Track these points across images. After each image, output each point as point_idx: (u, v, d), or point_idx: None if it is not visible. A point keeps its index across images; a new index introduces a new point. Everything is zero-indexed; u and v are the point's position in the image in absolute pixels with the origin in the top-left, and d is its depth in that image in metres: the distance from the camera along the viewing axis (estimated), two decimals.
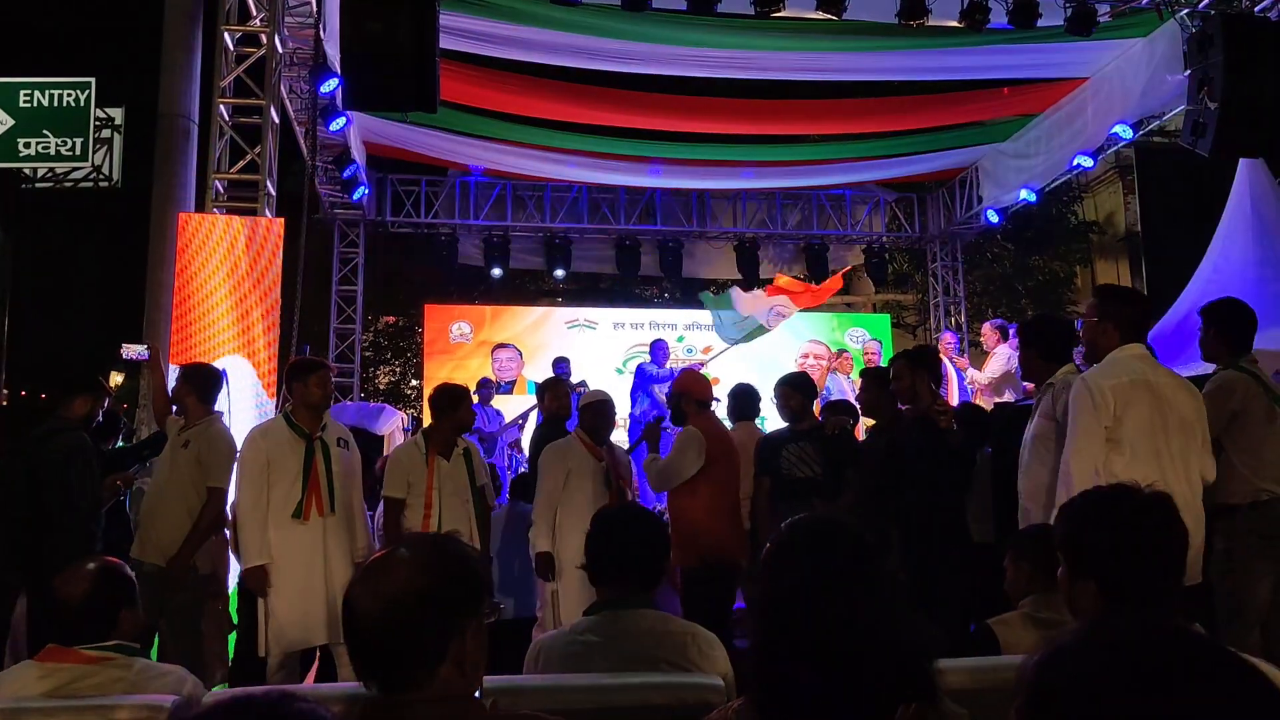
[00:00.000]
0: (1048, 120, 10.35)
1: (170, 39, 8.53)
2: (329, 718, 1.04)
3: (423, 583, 1.54)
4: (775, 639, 1.33)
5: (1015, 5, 7.26)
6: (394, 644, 1.52)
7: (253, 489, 4.53)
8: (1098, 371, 3.62)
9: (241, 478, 4.66)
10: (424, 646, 1.52)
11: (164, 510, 4.80)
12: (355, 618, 1.53)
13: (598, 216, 12.77)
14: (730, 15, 7.54)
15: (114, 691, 2.36)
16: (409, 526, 4.78)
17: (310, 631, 4.48)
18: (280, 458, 4.55)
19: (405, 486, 4.87)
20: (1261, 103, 7.10)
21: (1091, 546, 1.90)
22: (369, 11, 6.31)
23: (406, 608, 1.52)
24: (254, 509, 4.49)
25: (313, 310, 11.74)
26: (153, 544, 4.74)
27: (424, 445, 4.97)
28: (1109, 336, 3.69)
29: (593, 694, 2.28)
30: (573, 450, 5.15)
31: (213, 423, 5.01)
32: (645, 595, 2.53)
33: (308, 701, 1.05)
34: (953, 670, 2.08)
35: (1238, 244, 8.78)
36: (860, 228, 13.48)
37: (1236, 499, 3.91)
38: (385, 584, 1.53)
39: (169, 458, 4.94)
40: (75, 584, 2.50)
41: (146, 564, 4.62)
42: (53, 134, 10.72)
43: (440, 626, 1.53)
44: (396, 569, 1.56)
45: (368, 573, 1.57)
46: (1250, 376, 4.06)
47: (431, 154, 11.35)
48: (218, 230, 7.20)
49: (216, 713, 1.04)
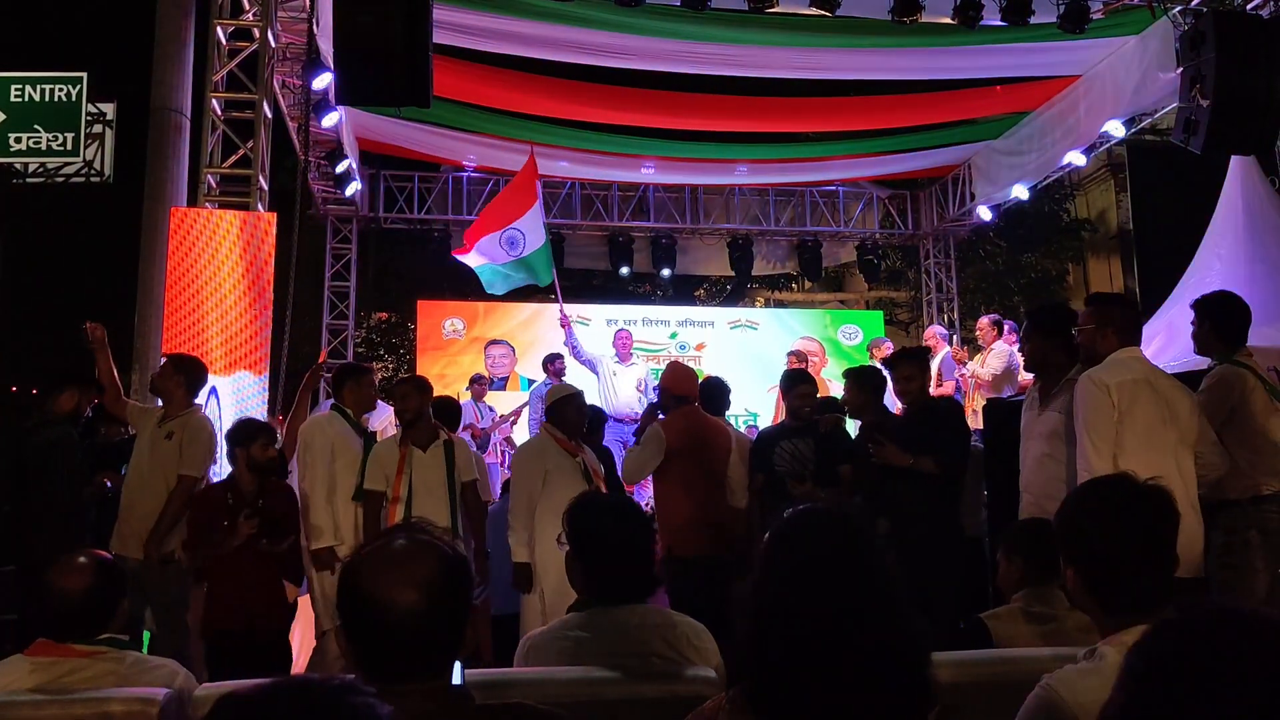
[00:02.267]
0: (1040, 118, 10.37)
1: (163, 33, 8.51)
2: (385, 713, 1.01)
3: (447, 566, 1.53)
4: (769, 629, 1.33)
5: (1008, 2, 7.26)
6: (436, 632, 1.50)
7: (322, 473, 4.88)
8: (1102, 370, 3.63)
9: (312, 464, 4.92)
10: (458, 631, 1.53)
11: (148, 503, 4.74)
12: (393, 608, 1.48)
13: (591, 212, 12.76)
14: (724, 10, 7.54)
15: (106, 685, 2.34)
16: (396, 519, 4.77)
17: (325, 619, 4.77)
18: (343, 447, 4.96)
19: (384, 479, 4.86)
20: (1253, 100, 7.11)
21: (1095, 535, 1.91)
22: (362, 6, 6.29)
23: (445, 592, 1.51)
24: (323, 490, 4.88)
25: (305, 306, 11.74)
26: (136, 537, 4.68)
27: (400, 437, 5.00)
28: (1108, 341, 3.72)
29: (586, 687, 2.28)
30: (548, 449, 5.01)
31: (194, 413, 5.00)
32: (632, 589, 2.52)
33: (366, 694, 1.02)
34: (942, 664, 2.08)
35: (1229, 242, 8.79)
36: (853, 224, 13.49)
37: (1236, 494, 3.90)
38: (417, 572, 1.50)
39: (148, 449, 4.87)
40: (74, 577, 2.46)
41: (130, 558, 4.59)
42: (44, 129, 10.69)
43: (465, 610, 1.54)
44: (421, 556, 1.53)
45: (389, 564, 1.52)
46: (1248, 371, 4.06)
47: (425, 149, 11.33)
48: (210, 225, 7.19)
49: (275, 696, 1.01)
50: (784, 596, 1.35)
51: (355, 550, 1.62)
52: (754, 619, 1.36)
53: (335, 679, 1.03)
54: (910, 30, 7.59)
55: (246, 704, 1.01)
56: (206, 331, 6.99)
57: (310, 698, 1.00)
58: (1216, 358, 4.18)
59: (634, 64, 9.15)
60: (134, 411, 5.14)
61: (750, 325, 13.05)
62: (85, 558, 2.55)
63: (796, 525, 1.52)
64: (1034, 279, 17.23)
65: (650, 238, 13.09)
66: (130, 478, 4.94)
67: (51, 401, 5.26)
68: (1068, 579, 1.96)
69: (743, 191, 13.05)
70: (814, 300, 17.11)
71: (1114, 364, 3.63)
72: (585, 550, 2.53)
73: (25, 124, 10.65)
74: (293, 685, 1.03)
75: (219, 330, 7.03)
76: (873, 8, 7.45)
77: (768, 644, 1.31)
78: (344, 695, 1.00)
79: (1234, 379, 4.03)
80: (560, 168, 11.58)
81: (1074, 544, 1.94)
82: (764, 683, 1.31)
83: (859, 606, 1.31)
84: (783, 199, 13.24)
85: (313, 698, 1.00)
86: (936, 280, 13.68)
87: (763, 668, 1.29)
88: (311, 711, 0.99)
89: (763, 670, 1.31)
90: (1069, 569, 1.94)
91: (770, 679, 1.31)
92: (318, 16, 7.47)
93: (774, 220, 13.20)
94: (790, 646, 1.28)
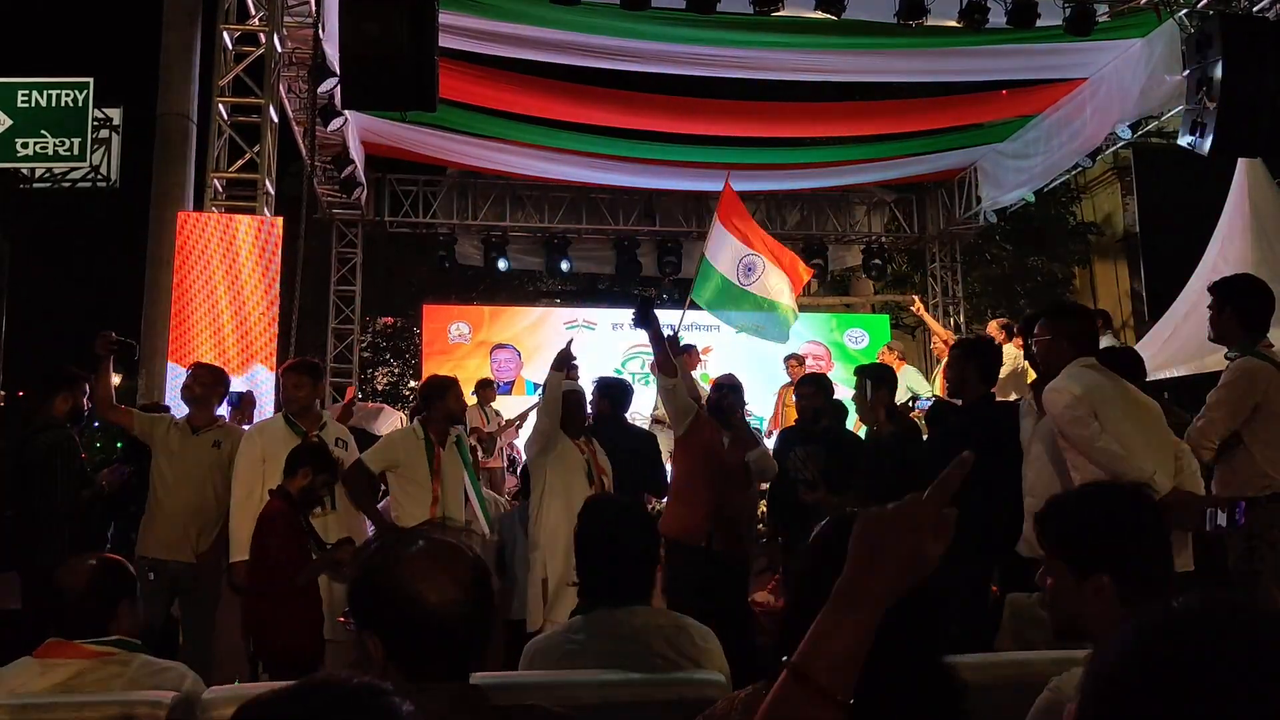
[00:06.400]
0: (1046, 121, 10.36)
1: (169, 38, 8.55)
2: (408, 711, 1.01)
3: (481, 566, 1.54)
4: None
5: (1014, 5, 7.27)
6: (478, 629, 1.51)
7: (246, 485, 4.61)
8: (1064, 380, 3.64)
9: (237, 474, 4.73)
10: (491, 627, 1.54)
11: (195, 508, 4.84)
12: (440, 607, 1.47)
13: (596, 216, 12.77)
14: (729, 14, 7.54)
15: (114, 688, 2.34)
16: (408, 512, 4.70)
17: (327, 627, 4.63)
18: (275, 455, 4.54)
19: (382, 465, 4.79)
20: (1260, 103, 7.10)
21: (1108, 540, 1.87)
22: (368, 11, 6.31)
23: (484, 590, 1.52)
24: (247, 504, 4.53)
25: (311, 311, 11.74)
26: (181, 542, 4.78)
27: (423, 433, 4.89)
28: (1062, 353, 3.75)
29: (594, 690, 2.28)
30: (561, 434, 4.94)
31: (233, 424, 5.10)
32: (637, 591, 2.52)
33: (390, 694, 1.01)
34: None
35: (1236, 244, 8.77)
36: (859, 228, 13.49)
37: (1254, 491, 3.80)
38: (458, 571, 1.50)
39: (190, 456, 4.91)
40: (74, 575, 2.51)
41: (172, 562, 4.73)
42: (51, 134, 10.74)
43: (493, 609, 1.56)
44: (457, 555, 1.53)
45: (428, 564, 1.50)
46: (1272, 365, 3.87)
47: (430, 153, 11.34)
48: (217, 229, 7.20)
49: (302, 698, 1.00)
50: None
51: (375, 549, 1.60)
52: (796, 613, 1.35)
53: (358, 679, 1.02)
54: (916, 33, 7.60)
55: (273, 706, 1.00)
56: (214, 338, 7.00)
57: (336, 699, 0.99)
58: (1237, 347, 3.95)
59: (639, 67, 9.16)
60: (143, 420, 5.11)
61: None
62: (92, 558, 2.60)
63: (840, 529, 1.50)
64: (1040, 282, 17.18)
65: (656, 242, 13.09)
66: (166, 484, 4.91)
67: (46, 405, 5.27)
68: (1089, 589, 1.84)
69: (749, 195, 13.02)
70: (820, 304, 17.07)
71: (1071, 375, 3.64)
72: (588, 552, 2.54)
73: (32, 129, 10.69)
74: (318, 686, 1.02)
75: (227, 335, 7.04)
76: (878, 11, 7.46)
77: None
78: (370, 696, 1.00)
79: (1258, 372, 3.83)
80: (565, 172, 11.60)
81: (1087, 554, 1.88)
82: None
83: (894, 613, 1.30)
84: (788, 202, 13.24)
85: (339, 699, 0.99)
86: (943, 284, 13.66)
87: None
88: (339, 713, 0.98)
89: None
90: (1103, 576, 1.83)
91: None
92: (323, 21, 7.49)
93: (780, 224, 13.19)
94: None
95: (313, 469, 4.21)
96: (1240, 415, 3.80)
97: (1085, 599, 1.84)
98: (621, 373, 11.91)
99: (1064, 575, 1.89)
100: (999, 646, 2.81)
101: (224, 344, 7.00)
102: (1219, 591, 0.87)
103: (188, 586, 4.79)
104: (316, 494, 4.27)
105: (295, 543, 4.10)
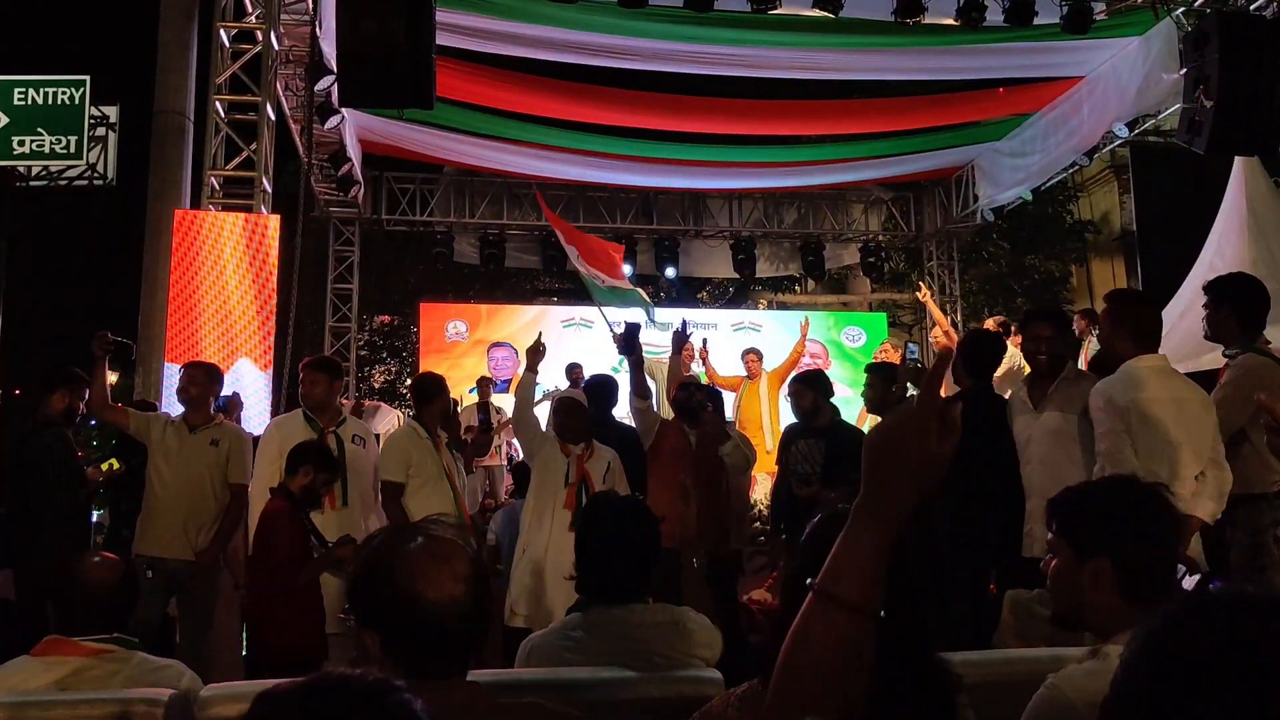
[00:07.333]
0: (1044, 119, 10.36)
1: (166, 36, 8.53)
2: (420, 708, 1.00)
3: (479, 563, 1.54)
4: None
5: (1011, 3, 7.27)
6: (478, 625, 1.51)
7: (265, 479, 4.70)
8: (1111, 385, 3.58)
9: (257, 468, 4.87)
10: (486, 626, 1.54)
11: (194, 506, 4.85)
12: (439, 604, 1.46)
13: (594, 215, 12.76)
14: (727, 12, 7.54)
15: (112, 685, 2.34)
16: (426, 512, 4.73)
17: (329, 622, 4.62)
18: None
19: (405, 471, 4.87)
20: (1257, 101, 7.10)
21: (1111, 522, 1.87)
22: (365, 9, 6.30)
23: (483, 585, 1.52)
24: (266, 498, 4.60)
25: (308, 309, 11.74)
26: (178, 539, 4.80)
27: (425, 432, 4.98)
28: (1124, 345, 3.64)
29: (592, 687, 2.28)
30: (548, 443, 5.00)
31: (229, 421, 5.13)
32: (632, 589, 2.52)
33: (401, 690, 1.01)
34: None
35: (1233, 243, 8.76)
36: (856, 226, 13.49)
37: (1260, 488, 3.77)
38: (458, 567, 1.50)
39: (187, 454, 4.91)
40: (104, 572, 2.55)
41: (169, 560, 4.75)
42: (47, 132, 10.70)
43: (490, 605, 1.55)
44: (456, 551, 1.53)
45: (427, 561, 1.50)
46: (1275, 361, 3.83)
47: (427, 151, 11.33)
48: (214, 227, 7.20)
49: (314, 694, 1.00)
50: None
51: (375, 546, 1.58)
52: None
53: (370, 675, 1.02)
54: (913, 31, 7.60)
55: (286, 701, 1.00)
56: (211, 335, 7.00)
57: (348, 695, 0.99)
58: (1234, 345, 3.91)
59: (637, 65, 9.16)
60: (138, 419, 5.10)
61: (754, 327, 13.06)
62: (107, 556, 2.66)
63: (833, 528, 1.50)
64: (1037, 281, 17.20)
65: (653, 240, 13.09)
66: (165, 482, 4.91)
67: (43, 404, 5.27)
68: (1089, 571, 1.84)
69: (746, 194, 13.04)
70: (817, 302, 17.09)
71: (1124, 379, 3.56)
72: (587, 549, 2.54)
73: (28, 127, 10.66)
74: (332, 681, 1.01)
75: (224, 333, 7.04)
76: (876, 9, 7.46)
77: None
78: (384, 692, 1.00)
79: (1262, 369, 3.79)
80: (562, 170, 11.58)
81: (1114, 532, 1.87)
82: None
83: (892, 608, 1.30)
84: (786, 201, 13.24)
85: (351, 694, 0.99)
86: (940, 282, 13.66)
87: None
88: (351, 708, 0.98)
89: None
90: (1103, 558, 1.83)
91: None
92: (320, 19, 7.48)
93: (777, 223, 13.20)
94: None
95: (314, 467, 4.23)
96: (1246, 412, 3.74)
97: (1085, 582, 1.84)
98: (619, 370, 11.89)
99: (1067, 556, 1.91)
100: (998, 643, 2.81)
101: (213, 340, 7.00)
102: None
103: (185, 584, 4.81)
104: (317, 492, 4.29)
105: (297, 541, 4.11)
